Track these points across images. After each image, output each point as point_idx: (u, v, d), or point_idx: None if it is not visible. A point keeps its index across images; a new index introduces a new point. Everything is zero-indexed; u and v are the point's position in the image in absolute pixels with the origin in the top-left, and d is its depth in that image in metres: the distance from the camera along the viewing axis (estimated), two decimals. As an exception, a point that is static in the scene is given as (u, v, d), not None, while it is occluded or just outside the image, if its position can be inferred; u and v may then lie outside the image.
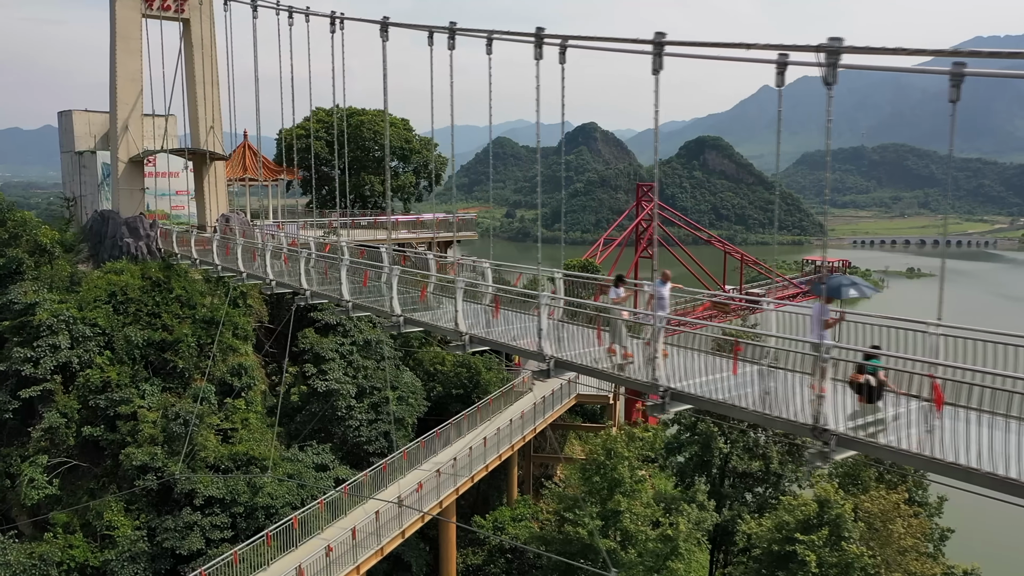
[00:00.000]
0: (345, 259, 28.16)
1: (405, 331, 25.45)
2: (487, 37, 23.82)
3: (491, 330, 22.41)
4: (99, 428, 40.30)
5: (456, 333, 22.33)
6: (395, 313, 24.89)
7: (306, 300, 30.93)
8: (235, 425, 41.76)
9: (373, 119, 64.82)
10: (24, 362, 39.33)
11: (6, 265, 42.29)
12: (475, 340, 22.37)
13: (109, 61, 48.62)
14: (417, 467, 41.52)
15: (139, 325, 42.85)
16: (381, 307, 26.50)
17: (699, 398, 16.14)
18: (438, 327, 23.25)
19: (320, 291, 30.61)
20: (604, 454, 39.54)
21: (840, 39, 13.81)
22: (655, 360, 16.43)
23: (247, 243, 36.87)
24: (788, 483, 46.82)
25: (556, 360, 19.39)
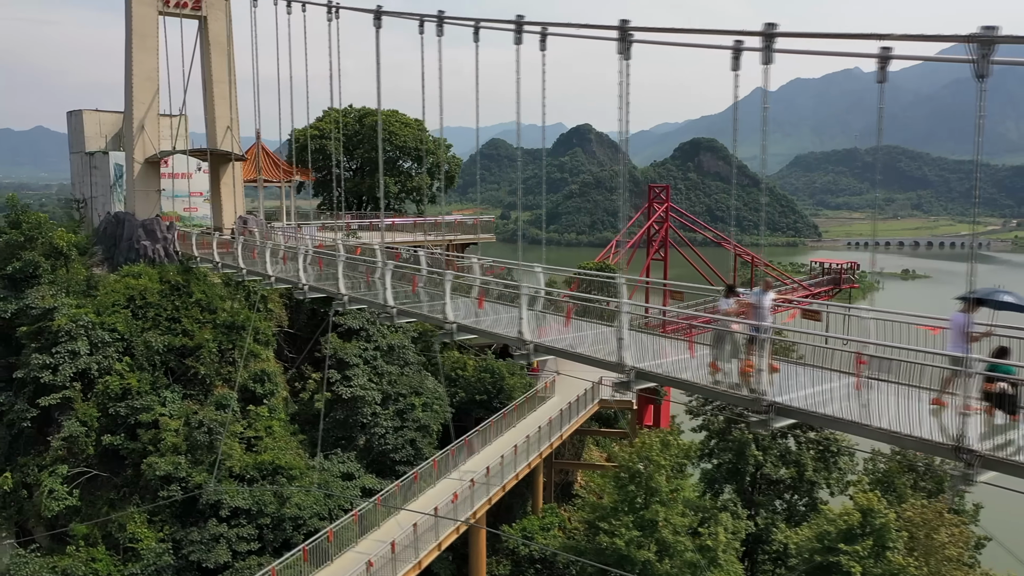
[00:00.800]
0: (388, 264, 27.09)
1: (459, 339, 24.42)
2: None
3: (559, 338, 21.42)
4: (119, 437, 39.14)
5: (520, 341, 21.32)
6: (448, 320, 23.88)
7: (343, 306, 29.86)
8: (259, 433, 40.64)
9: (387, 119, 63.72)
10: (43, 369, 38.14)
11: (22, 268, 41.09)
12: (541, 349, 21.36)
13: (125, 59, 47.44)
14: (446, 476, 40.44)
15: (158, 330, 41.70)
16: (431, 313, 25.46)
17: (811, 413, 15.18)
18: (500, 335, 22.22)
19: (359, 296, 29.55)
20: (639, 462, 38.56)
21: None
22: (759, 374, 15.47)
23: (276, 246, 35.76)
24: (819, 491, 46.02)
25: (638, 371, 18.42)
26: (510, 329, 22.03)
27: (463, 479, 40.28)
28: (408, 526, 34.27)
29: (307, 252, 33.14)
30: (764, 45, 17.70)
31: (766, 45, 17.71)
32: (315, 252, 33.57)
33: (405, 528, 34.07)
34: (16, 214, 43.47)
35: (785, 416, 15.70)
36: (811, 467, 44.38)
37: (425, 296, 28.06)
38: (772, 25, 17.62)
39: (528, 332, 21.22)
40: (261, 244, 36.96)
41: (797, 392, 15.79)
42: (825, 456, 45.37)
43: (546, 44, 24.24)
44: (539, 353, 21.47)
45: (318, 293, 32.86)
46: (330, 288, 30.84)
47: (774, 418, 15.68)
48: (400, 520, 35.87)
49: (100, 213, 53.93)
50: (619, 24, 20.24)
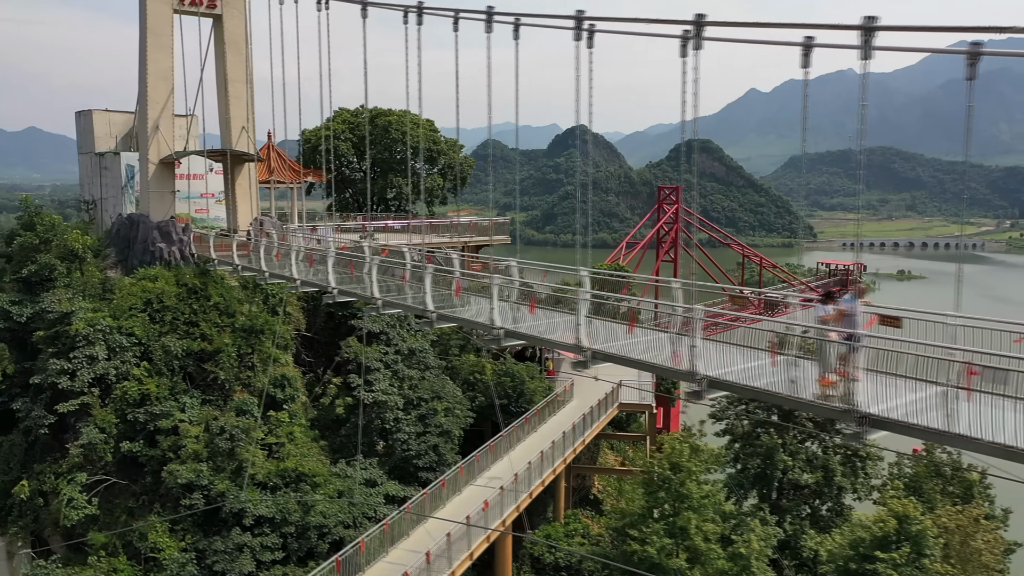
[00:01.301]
0: (428, 268, 26.36)
1: (506, 345, 23.74)
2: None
3: (616, 345, 20.73)
4: (138, 443, 38.29)
5: (577, 348, 20.64)
6: (495, 326, 23.16)
7: (377, 310, 29.09)
8: (280, 439, 39.84)
9: (399, 120, 62.95)
10: (60, 374, 37.27)
11: (38, 272, 40.17)
12: (599, 357, 20.67)
13: (139, 58, 46.58)
14: (472, 482, 39.72)
15: (176, 335, 40.85)
16: (476, 319, 24.74)
17: (911, 426, 14.52)
18: (555, 342, 21.52)
19: (394, 300, 28.81)
20: (669, 468, 37.92)
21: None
22: (854, 384, 14.83)
23: (301, 249, 34.98)
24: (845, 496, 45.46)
25: (710, 380, 17.76)
26: (567, 335, 21.35)
27: (489, 485, 39.62)
28: (438, 535, 33.57)
29: (334, 255, 32.28)
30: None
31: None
32: (345, 255, 32.74)
33: (437, 538, 33.34)
34: (30, 216, 42.56)
35: (880, 428, 15.07)
36: (839, 472, 43.82)
37: (461, 300, 27.33)
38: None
39: (586, 338, 20.55)
40: (286, 246, 36.19)
41: (889, 403, 15.17)
42: (853, 461, 44.81)
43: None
44: (596, 361, 20.80)
45: (348, 297, 32.13)
46: (362, 292, 30.09)
47: (868, 430, 15.05)
48: (429, 529, 35.17)
49: (111, 215, 53.03)
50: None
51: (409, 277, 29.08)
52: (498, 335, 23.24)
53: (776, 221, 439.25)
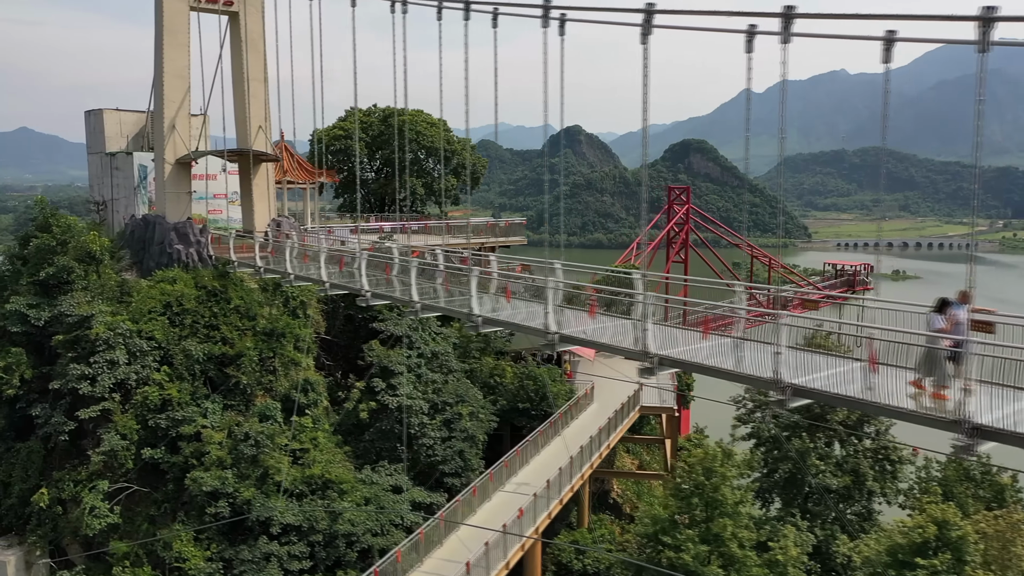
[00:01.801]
0: (475, 270, 25.61)
1: (561, 349, 23.01)
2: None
3: (688, 350, 20.03)
4: (159, 450, 37.41)
5: (644, 355, 19.93)
6: (550, 331, 22.43)
7: (416, 314, 28.31)
8: (304, 445, 38.98)
9: (412, 119, 62.16)
10: (81, 380, 36.34)
11: (56, 274, 39.20)
12: (666, 362, 19.95)
13: (155, 57, 45.69)
14: (500, 489, 38.98)
15: (197, 338, 39.98)
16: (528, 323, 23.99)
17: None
18: (624, 349, 20.80)
19: (435, 304, 28.04)
20: (703, 473, 37.23)
21: None
22: (965, 394, 14.16)
23: (332, 251, 34.17)
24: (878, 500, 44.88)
25: (794, 388, 17.07)
26: (624, 340, 20.65)
27: (519, 492, 38.90)
28: (473, 543, 32.85)
29: (366, 257, 31.47)
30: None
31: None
32: (379, 257, 31.94)
33: (470, 546, 32.61)
34: (45, 217, 41.59)
35: (991, 439, 14.43)
36: (871, 476, 43.21)
37: (523, 306, 26.44)
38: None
39: (653, 344, 19.84)
40: (313, 248, 35.38)
41: (997, 412, 14.54)
42: (883, 464, 44.22)
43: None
44: (663, 366, 20.08)
45: (382, 300, 31.37)
46: (399, 295, 29.31)
47: (979, 442, 14.39)
48: (461, 537, 34.43)
49: (123, 216, 52.13)
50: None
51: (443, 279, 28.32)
52: (553, 339, 22.55)
53: (771, 221, 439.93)
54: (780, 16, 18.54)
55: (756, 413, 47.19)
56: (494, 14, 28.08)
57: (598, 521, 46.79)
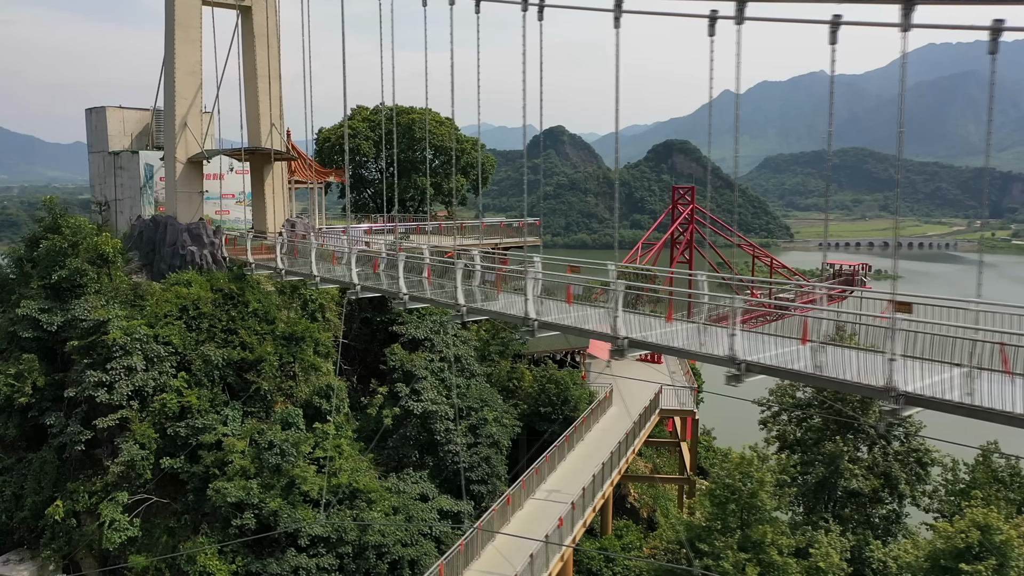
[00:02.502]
0: (531, 273, 24.57)
1: (630, 353, 22.10)
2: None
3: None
4: (179, 459, 36.03)
5: (730, 361, 19.03)
6: (620, 336, 21.48)
7: (462, 317, 27.23)
8: (328, 453, 37.70)
9: (422, 117, 60.87)
10: (98, 387, 34.90)
11: (69, 278, 37.67)
12: (753, 368, 19.06)
13: (165, 53, 44.25)
14: (531, 496, 37.95)
15: (215, 343, 38.63)
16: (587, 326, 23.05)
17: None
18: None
19: (484, 308, 26.98)
20: (740, 479, 36.40)
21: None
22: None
23: (364, 252, 32.99)
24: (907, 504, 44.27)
25: (907, 397, 16.22)
26: (719, 348, 19.73)
27: (550, 499, 37.93)
28: (511, 554, 31.83)
29: (404, 259, 30.32)
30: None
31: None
32: (415, 258, 30.81)
33: (510, 557, 31.57)
34: (54, 217, 40.01)
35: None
36: (903, 479, 42.61)
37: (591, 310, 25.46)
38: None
39: (741, 350, 18.95)
40: (342, 249, 34.20)
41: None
42: (913, 467, 43.63)
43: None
44: (751, 373, 19.19)
45: (420, 303, 30.29)
46: (442, 298, 28.21)
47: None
48: (499, 547, 33.36)
49: (128, 216, 50.60)
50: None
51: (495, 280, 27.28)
52: (622, 344, 21.62)
53: (753, 221, 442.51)
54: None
55: (781, 416, 46.46)
56: (540, 6, 27.14)
57: (625, 527, 45.88)
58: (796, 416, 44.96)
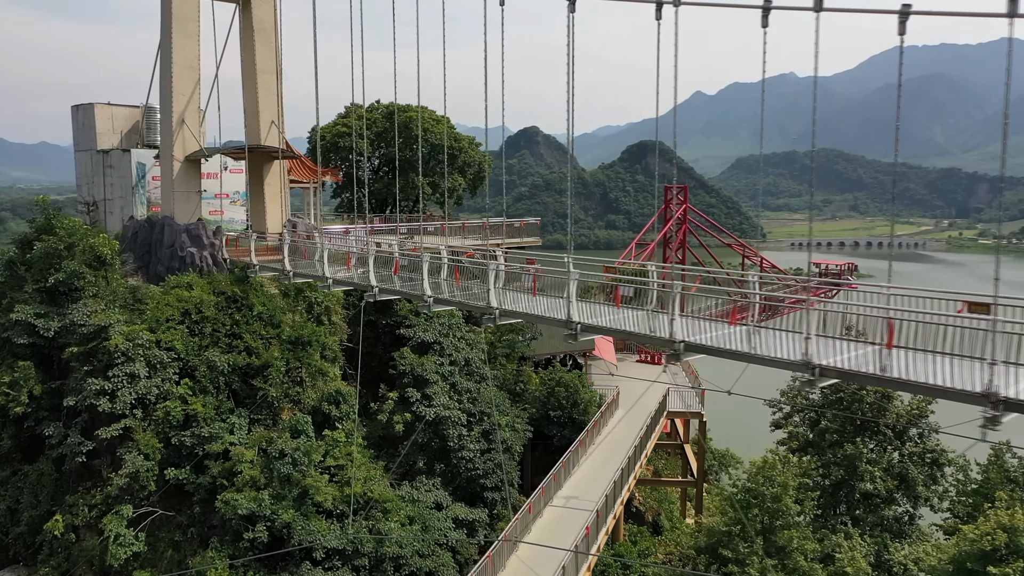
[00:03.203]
0: (574, 273, 23.57)
1: (687, 358, 21.18)
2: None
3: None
4: (184, 470, 34.53)
5: (805, 366, 18.22)
6: (677, 340, 20.55)
7: (494, 321, 26.13)
8: (340, 461, 36.40)
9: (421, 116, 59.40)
10: (99, 395, 33.28)
11: (66, 281, 35.95)
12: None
13: (161, 47, 42.70)
14: (550, 504, 36.94)
15: (219, 348, 37.14)
16: (655, 333, 22.16)
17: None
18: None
19: (517, 310, 25.88)
20: (764, 483, 35.72)
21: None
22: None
23: (381, 253, 31.74)
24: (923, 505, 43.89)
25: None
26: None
27: (568, 506, 36.96)
28: (537, 564, 30.80)
29: (428, 260, 29.12)
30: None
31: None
32: (449, 260, 29.62)
33: (537, 568, 30.53)
34: (47, 218, 38.25)
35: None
36: (920, 481, 42.20)
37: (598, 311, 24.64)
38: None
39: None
40: (359, 251, 32.94)
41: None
42: (931, 468, 43.28)
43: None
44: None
45: (444, 306, 29.14)
46: (475, 302, 27.06)
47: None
48: (522, 557, 32.31)
49: (118, 217, 48.83)
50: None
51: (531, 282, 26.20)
52: (679, 349, 20.69)
53: (727, 221, 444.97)
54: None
55: (793, 417, 45.87)
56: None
57: (638, 533, 45.01)
58: (809, 417, 44.39)
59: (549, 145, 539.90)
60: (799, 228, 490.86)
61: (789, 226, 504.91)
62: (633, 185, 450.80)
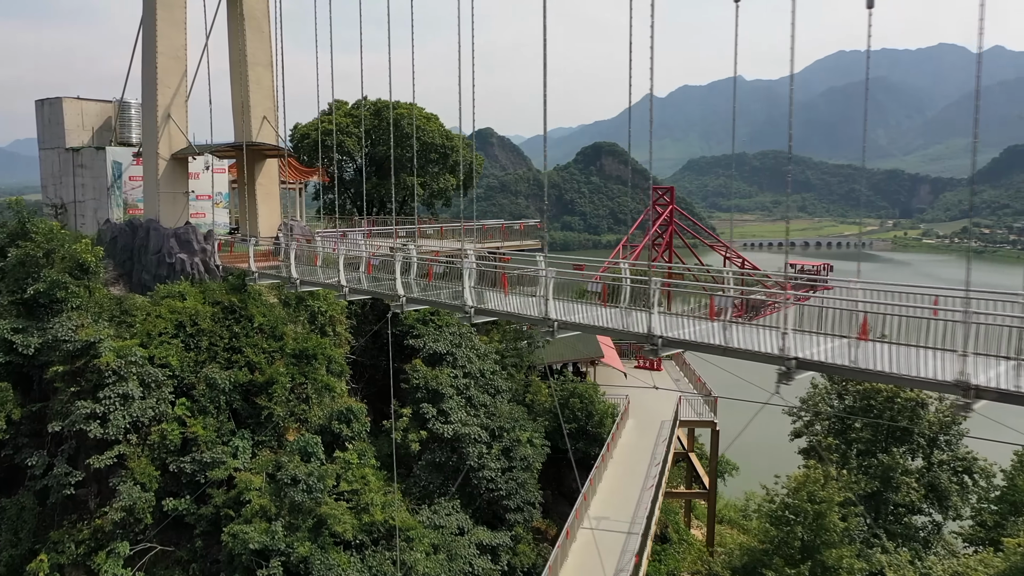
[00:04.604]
0: (657, 281, 21.16)
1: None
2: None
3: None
4: (184, 500, 31.24)
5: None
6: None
7: (552, 333, 23.53)
8: (354, 485, 33.43)
9: (409, 113, 56.40)
10: (89, 419, 29.79)
11: (47, 292, 32.29)
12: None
13: (143, 35, 39.22)
14: (580, 526, 34.46)
15: (217, 364, 33.89)
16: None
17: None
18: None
19: (578, 322, 23.35)
20: (806, 499, 33.79)
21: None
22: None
23: (407, 259, 28.91)
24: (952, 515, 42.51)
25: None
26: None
27: (599, 527, 34.54)
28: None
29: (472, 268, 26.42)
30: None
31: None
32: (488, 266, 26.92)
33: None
34: (21, 222, 34.50)
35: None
36: (954, 491, 40.80)
37: None
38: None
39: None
40: (385, 257, 30.08)
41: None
42: (961, 478, 41.97)
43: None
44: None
45: (486, 317, 26.46)
46: (526, 313, 24.45)
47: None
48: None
49: (91, 220, 44.98)
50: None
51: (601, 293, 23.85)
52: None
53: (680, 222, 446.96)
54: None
55: (815, 426, 44.18)
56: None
57: (661, 551, 42.82)
58: (833, 426, 42.73)
59: (504, 147, 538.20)
60: (750, 228, 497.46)
61: (741, 227, 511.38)
62: (588, 187, 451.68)
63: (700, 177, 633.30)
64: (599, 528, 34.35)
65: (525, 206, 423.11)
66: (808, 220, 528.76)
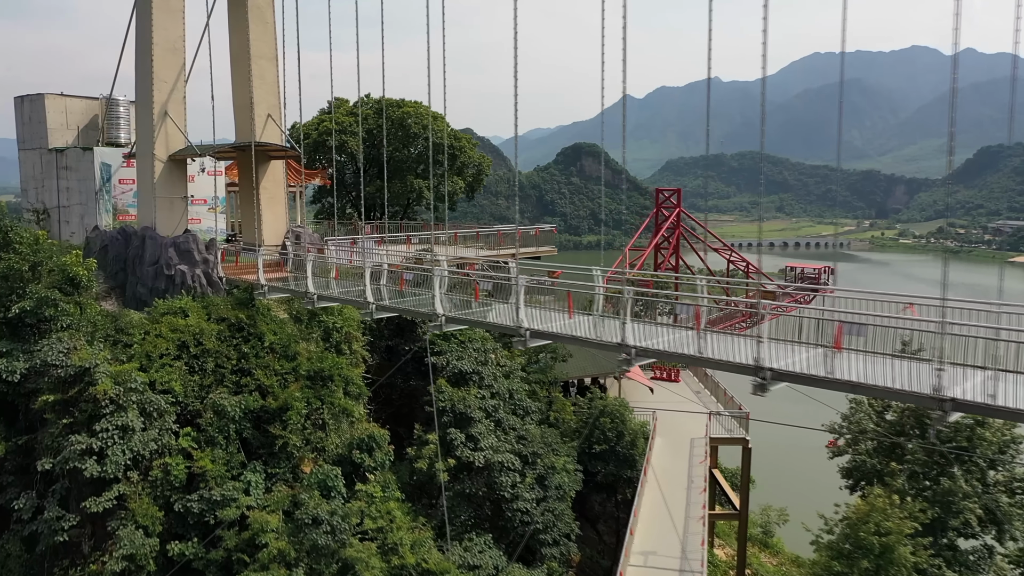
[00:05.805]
0: (521, 279, 18.22)
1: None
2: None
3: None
4: (191, 543, 27.81)
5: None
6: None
7: (629, 361, 20.49)
8: (379, 523, 30.17)
9: (414, 111, 53.11)
10: (85, 456, 26.28)
11: (34, 310, 28.70)
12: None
13: (137, 27, 35.82)
14: (628, 564, 31.46)
15: (225, 388, 30.48)
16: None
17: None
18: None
19: (656, 348, 20.34)
20: (873, 531, 31.02)
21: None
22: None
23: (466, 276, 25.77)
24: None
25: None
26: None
27: (648, 564, 31.58)
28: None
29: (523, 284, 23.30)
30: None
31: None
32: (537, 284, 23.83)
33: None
34: (4, 231, 30.81)
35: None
36: (1016, 515, 38.28)
37: None
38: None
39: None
40: (421, 271, 26.87)
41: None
42: (1021, 499, 39.46)
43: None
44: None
45: (542, 340, 23.33)
46: (594, 338, 21.37)
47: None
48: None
49: (77, 227, 41.42)
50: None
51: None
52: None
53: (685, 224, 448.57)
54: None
55: (858, 445, 41.48)
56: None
57: None
58: (883, 447, 40.03)
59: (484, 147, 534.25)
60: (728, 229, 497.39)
61: (720, 227, 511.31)
62: (568, 187, 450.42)
63: (679, 178, 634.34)
64: (648, 565, 31.39)
65: (506, 207, 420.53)
66: (786, 220, 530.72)
